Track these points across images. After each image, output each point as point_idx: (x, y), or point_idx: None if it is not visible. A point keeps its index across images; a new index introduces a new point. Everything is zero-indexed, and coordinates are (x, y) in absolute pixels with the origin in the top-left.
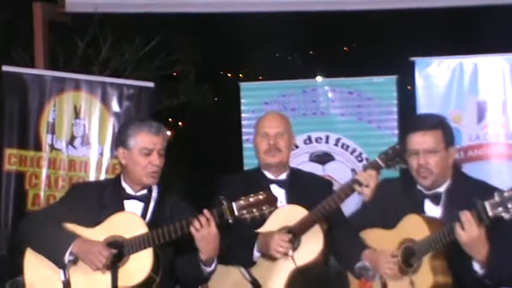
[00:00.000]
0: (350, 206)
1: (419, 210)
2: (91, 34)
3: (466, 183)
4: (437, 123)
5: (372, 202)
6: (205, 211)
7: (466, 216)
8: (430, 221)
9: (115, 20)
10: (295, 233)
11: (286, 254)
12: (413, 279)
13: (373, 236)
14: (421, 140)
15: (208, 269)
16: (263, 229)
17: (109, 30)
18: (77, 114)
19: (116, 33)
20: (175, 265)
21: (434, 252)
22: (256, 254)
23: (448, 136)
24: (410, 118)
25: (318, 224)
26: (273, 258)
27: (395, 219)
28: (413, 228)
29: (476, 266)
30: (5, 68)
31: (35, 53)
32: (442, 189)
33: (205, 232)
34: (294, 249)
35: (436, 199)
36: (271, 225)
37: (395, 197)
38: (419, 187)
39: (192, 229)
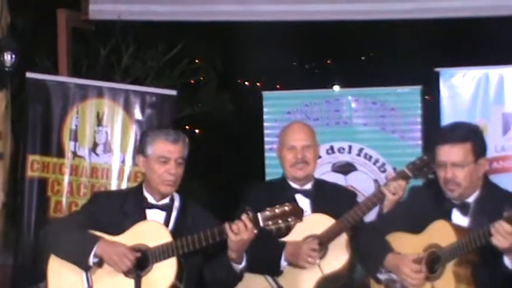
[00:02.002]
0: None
1: (447, 219)
2: (113, 41)
3: (496, 193)
4: (466, 135)
5: (399, 208)
6: (244, 217)
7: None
8: (458, 228)
9: (137, 27)
10: (323, 241)
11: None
12: (435, 285)
13: (398, 240)
14: (448, 153)
15: (240, 266)
16: (289, 237)
17: (131, 38)
18: (99, 121)
19: (138, 40)
20: (204, 272)
21: (459, 259)
22: (283, 263)
23: (479, 147)
24: (439, 128)
25: (345, 233)
26: (300, 267)
27: (422, 226)
28: (440, 234)
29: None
30: (29, 75)
31: (59, 60)
32: (471, 199)
33: (244, 236)
34: (321, 257)
35: (464, 209)
36: (297, 233)
37: (424, 205)
38: (447, 196)
39: (229, 233)
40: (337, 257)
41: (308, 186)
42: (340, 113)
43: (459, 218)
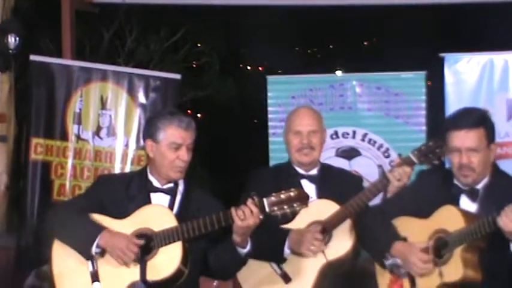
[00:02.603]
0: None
1: (455, 204)
2: (117, 25)
3: (504, 180)
4: (480, 121)
5: (406, 192)
6: (250, 202)
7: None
8: (466, 213)
9: (141, 11)
10: (327, 228)
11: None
12: (443, 270)
13: (405, 224)
14: (464, 138)
15: (245, 250)
16: (294, 222)
17: (135, 22)
18: (103, 105)
19: (142, 24)
20: (208, 259)
21: (467, 245)
22: (286, 251)
23: (491, 133)
24: (450, 113)
25: (349, 219)
26: (303, 255)
27: (429, 211)
28: (448, 219)
29: None
30: (33, 57)
31: (62, 43)
32: (480, 185)
33: (250, 222)
34: (325, 243)
35: (473, 195)
36: (302, 219)
37: (431, 190)
38: (456, 182)
39: (235, 218)
40: (342, 243)
41: (314, 171)
42: (345, 98)
43: (467, 204)
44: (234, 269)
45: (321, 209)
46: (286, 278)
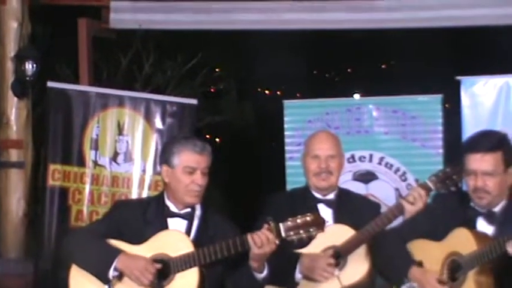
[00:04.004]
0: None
1: (472, 227)
2: (134, 50)
3: None
4: (498, 145)
5: (422, 214)
6: (266, 228)
7: None
8: (479, 235)
9: (158, 36)
10: (342, 253)
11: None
12: None
13: (420, 247)
14: (480, 162)
15: (262, 275)
16: (309, 247)
17: (152, 47)
18: (120, 130)
19: (159, 49)
20: (226, 282)
21: (480, 267)
22: (298, 275)
23: (509, 156)
24: (468, 136)
25: (365, 244)
26: (315, 280)
27: (445, 234)
28: (461, 241)
29: None
30: (50, 84)
31: (80, 69)
32: (497, 208)
33: (267, 249)
34: (340, 269)
35: (490, 218)
36: (317, 243)
37: (448, 212)
38: (472, 204)
39: (252, 246)
40: (357, 268)
41: (331, 196)
42: (361, 122)
43: (484, 227)
44: None
45: (336, 233)
46: None
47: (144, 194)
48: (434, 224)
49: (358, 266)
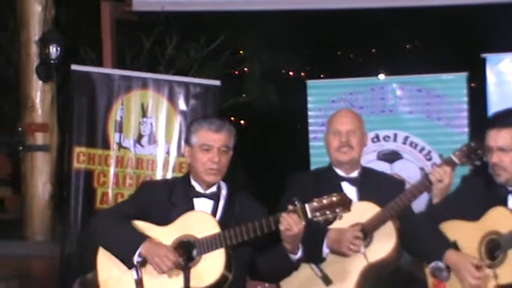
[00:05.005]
0: (419, 203)
1: (503, 205)
2: (157, 33)
3: None
4: None
5: (451, 197)
6: (291, 209)
7: None
8: None
9: (181, 18)
10: (367, 230)
11: (358, 251)
12: (497, 272)
13: (454, 228)
14: (495, 137)
15: (296, 256)
16: (334, 225)
17: (175, 29)
18: (144, 112)
19: (182, 31)
20: (257, 263)
21: None
22: (325, 250)
23: None
24: (491, 114)
25: (391, 221)
26: (343, 254)
27: (477, 214)
28: (499, 220)
29: None
30: (74, 67)
31: (103, 52)
32: None
33: (295, 230)
34: (366, 245)
35: None
36: (342, 221)
37: (477, 193)
38: (499, 182)
39: (281, 228)
40: (383, 245)
41: (354, 173)
42: (385, 101)
43: None
44: (286, 273)
45: (361, 211)
46: (327, 281)
47: (169, 176)
48: (464, 206)
49: (384, 242)
